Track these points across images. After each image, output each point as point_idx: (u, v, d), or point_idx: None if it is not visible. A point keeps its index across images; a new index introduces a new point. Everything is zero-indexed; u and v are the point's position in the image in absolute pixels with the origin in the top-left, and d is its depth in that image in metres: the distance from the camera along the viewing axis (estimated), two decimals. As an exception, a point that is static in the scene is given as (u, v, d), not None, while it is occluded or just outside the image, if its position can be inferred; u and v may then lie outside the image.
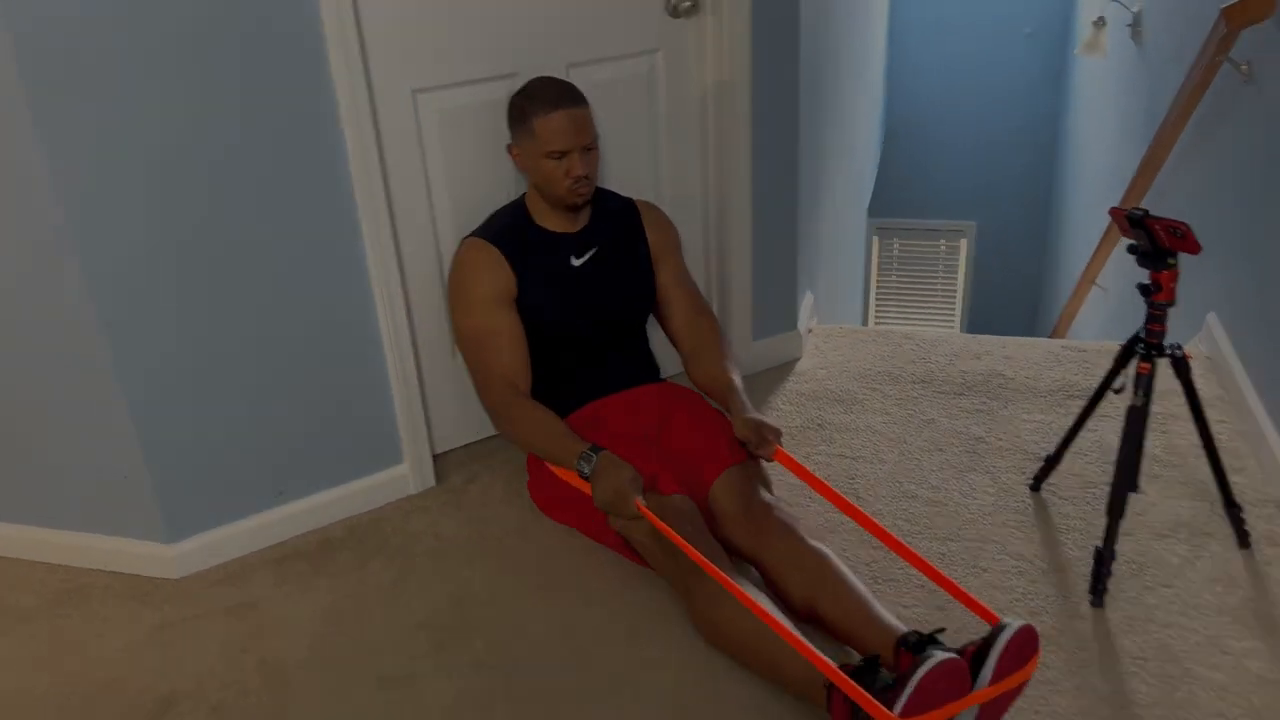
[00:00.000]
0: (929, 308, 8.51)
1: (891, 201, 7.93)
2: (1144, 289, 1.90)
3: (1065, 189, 6.79)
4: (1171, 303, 1.91)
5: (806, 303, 3.07)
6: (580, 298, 2.28)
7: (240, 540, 2.25)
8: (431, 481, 2.45)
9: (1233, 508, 2.10)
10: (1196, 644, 1.88)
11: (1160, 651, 1.87)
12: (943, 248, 8.16)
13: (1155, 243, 1.84)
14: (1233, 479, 2.31)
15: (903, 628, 1.74)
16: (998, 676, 1.55)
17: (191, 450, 2.14)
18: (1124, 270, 4.23)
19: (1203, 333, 2.91)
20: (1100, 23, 4.66)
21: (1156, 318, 1.93)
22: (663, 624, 1.98)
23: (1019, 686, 1.60)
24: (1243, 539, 2.11)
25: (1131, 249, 1.90)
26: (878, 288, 8.51)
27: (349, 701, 1.86)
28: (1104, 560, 1.97)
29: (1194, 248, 1.78)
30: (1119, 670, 1.83)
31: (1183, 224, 1.77)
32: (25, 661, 2.00)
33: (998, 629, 1.59)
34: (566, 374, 2.31)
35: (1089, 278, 4.70)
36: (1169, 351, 1.97)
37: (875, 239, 8.24)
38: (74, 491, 2.19)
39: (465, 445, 2.58)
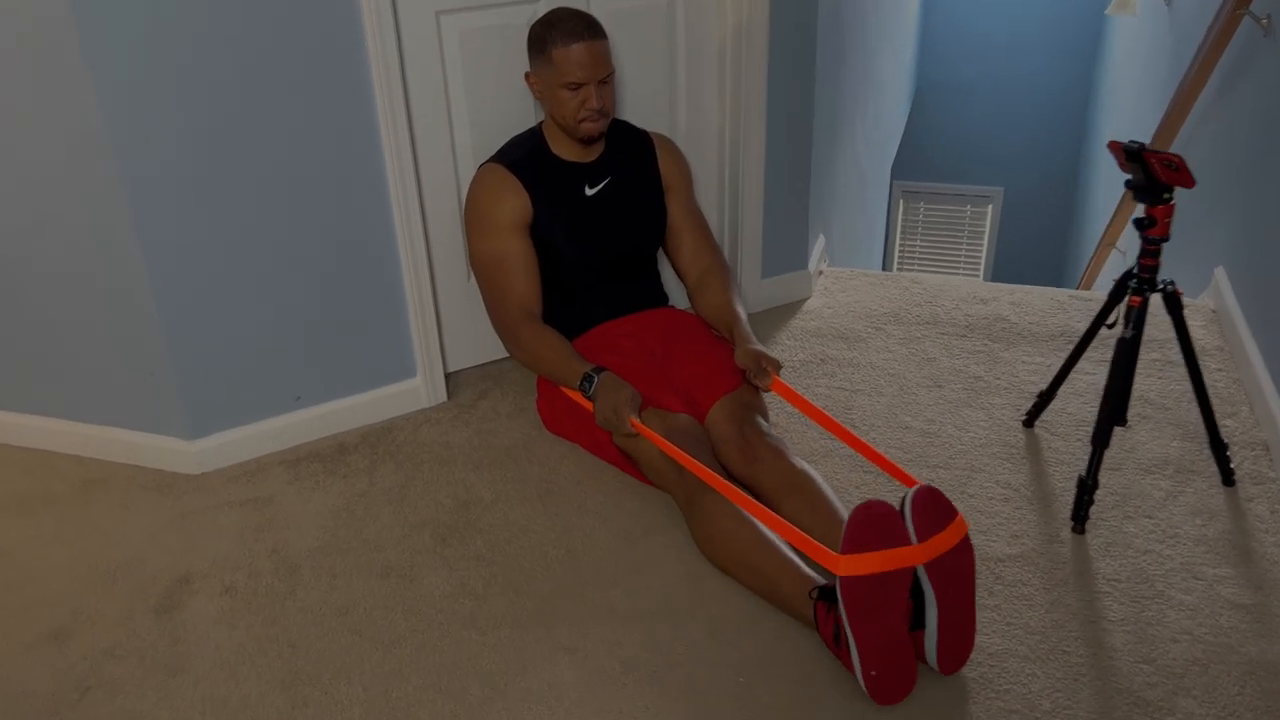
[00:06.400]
0: (952, 272, 8.51)
1: (918, 166, 7.91)
2: (1139, 223, 1.94)
3: (1093, 155, 6.75)
4: (1165, 237, 1.94)
5: (818, 245, 3.12)
6: (592, 226, 2.33)
7: (259, 441, 2.35)
8: (443, 396, 2.54)
9: (1219, 446, 2.14)
10: (1171, 570, 1.94)
11: (1135, 575, 1.93)
12: (969, 213, 8.14)
13: (1151, 176, 1.88)
14: (1225, 422, 2.36)
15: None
16: (921, 535, 1.62)
17: (216, 353, 2.24)
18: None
19: (1210, 287, 2.94)
20: (1132, -17, 4.63)
21: (1150, 252, 1.97)
22: (654, 533, 2.06)
23: (960, 549, 1.66)
24: (1227, 477, 2.15)
25: (1128, 183, 1.94)
26: (901, 251, 8.50)
27: (353, 587, 1.96)
28: (1086, 488, 2.02)
29: (1188, 181, 1.82)
30: (1093, 590, 1.90)
31: (1177, 156, 1.80)
32: (49, 540, 2.12)
33: (903, 498, 1.67)
34: (578, 298, 2.37)
35: (1108, 241, 4.71)
36: (1162, 287, 2.01)
37: (901, 202, 8.23)
38: (103, 388, 2.29)
39: (478, 365, 2.67)
